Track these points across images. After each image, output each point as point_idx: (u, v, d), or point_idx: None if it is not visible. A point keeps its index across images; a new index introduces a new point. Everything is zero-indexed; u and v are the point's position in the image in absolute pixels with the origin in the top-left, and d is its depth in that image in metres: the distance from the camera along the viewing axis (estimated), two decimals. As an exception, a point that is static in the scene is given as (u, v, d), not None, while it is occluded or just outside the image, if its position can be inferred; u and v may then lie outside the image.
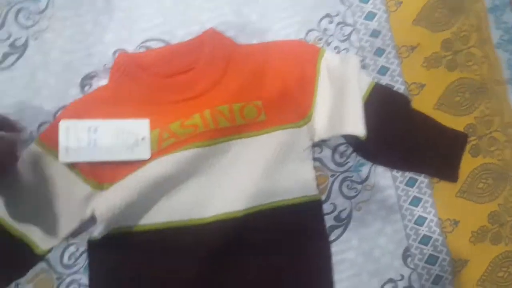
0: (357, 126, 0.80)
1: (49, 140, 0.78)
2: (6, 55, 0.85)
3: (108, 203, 0.76)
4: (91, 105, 0.81)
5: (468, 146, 0.88)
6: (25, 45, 0.86)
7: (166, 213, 0.79)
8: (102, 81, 0.85)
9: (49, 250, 0.77)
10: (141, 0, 0.88)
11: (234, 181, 0.80)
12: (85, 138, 0.78)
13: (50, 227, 0.76)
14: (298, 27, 0.90)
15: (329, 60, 0.85)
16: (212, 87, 0.83)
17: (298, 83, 0.84)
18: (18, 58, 0.85)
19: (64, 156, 0.76)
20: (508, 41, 0.92)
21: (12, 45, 0.86)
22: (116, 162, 0.78)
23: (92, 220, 0.77)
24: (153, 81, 0.82)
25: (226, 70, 0.84)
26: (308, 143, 0.83)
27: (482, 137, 0.89)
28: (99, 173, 0.78)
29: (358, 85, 0.83)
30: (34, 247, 0.76)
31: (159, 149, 0.79)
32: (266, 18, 0.90)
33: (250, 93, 0.83)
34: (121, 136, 0.79)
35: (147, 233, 0.78)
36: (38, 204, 0.76)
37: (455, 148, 0.87)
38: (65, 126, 0.77)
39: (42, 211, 0.76)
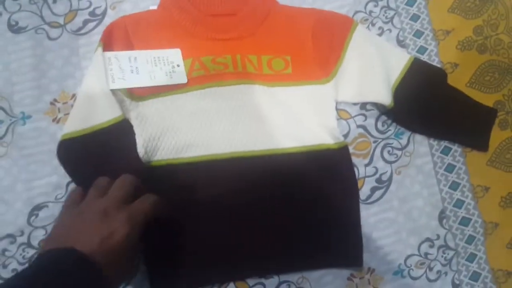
0: (384, 96, 0.75)
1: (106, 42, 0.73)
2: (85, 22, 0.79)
3: (142, 111, 0.72)
4: (139, 24, 0.75)
5: (497, 120, 0.80)
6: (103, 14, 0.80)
7: (201, 146, 0.72)
8: (152, 7, 0.79)
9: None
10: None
11: (264, 122, 0.74)
12: (127, 67, 0.71)
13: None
14: (347, 8, 0.82)
15: (362, 32, 0.78)
16: (247, 36, 0.77)
17: (327, 46, 0.77)
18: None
19: (112, 84, 0.70)
20: (533, 28, 0.83)
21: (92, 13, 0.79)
22: (156, 87, 0.73)
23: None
24: (197, 16, 0.76)
25: (263, 23, 0.77)
26: (330, 100, 0.77)
27: (510, 113, 0.81)
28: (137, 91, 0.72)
29: (393, 60, 0.77)
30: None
31: (189, 78, 0.73)
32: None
33: (280, 47, 0.77)
34: (159, 63, 0.73)
35: (188, 165, 0.71)
36: None
37: (485, 121, 0.80)
38: (108, 57, 0.71)
39: None
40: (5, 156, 0.72)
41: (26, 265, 0.69)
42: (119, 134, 0.70)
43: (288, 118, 0.74)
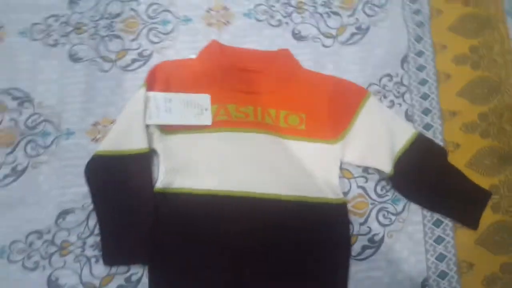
0: (385, 164, 0.81)
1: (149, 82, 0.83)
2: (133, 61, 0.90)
3: (168, 144, 0.81)
4: (178, 69, 0.85)
5: (490, 203, 0.84)
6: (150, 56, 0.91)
7: (215, 181, 0.79)
8: (192, 56, 0.89)
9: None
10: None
11: (274, 169, 0.80)
12: (163, 106, 0.81)
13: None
14: (363, 80, 0.89)
15: (373, 102, 0.85)
16: (270, 92, 0.85)
17: (340, 110, 0.84)
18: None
19: (148, 119, 0.79)
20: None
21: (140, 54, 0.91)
22: (184, 126, 0.81)
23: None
24: (229, 69, 0.85)
25: (286, 83, 0.85)
26: (336, 159, 0.82)
27: (504, 198, 0.84)
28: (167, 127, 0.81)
29: (398, 132, 0.83)
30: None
31: (214, 121, 0.81)
32: (339, 68, 0.90)
33: (298, 105, 0.84)
34: (189, 106, 0.82)
35: (200, 197, 0.78)
36: None
37: (479, 202, 0.83)
38: (149, 95, 0.80)
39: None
40: (46, 163, 0.83)
41: (47, 260, 0.78)
42: (142, 163, 0.80)
43: (296, 169, 0.81)
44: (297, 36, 0.92)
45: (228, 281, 0.76)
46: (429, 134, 0.88)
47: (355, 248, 0.81)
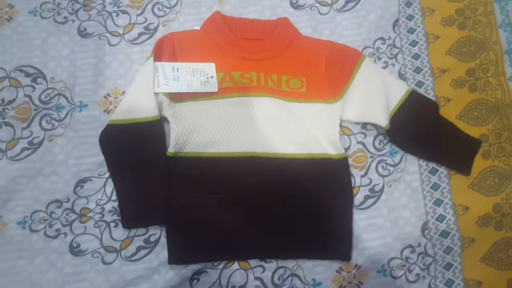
0: (382, 119, 0.86)
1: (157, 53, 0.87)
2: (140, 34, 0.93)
3: (178, 111, 0.84)
4: (184, 40, 0.89)
5: (480, 150, 0.90)
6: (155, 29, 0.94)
7: (223, 144, 0.84)
8: (195, 27, 0.92)
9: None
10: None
11: (278, 130, 0.85)
12: (171, 75, 0.85)
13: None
14: (358, 44, 0.94)
15: (368, 64, 0.90)
16: (271, 58, 0.89)
17: (337, 72, 0.89)
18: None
19: (157, 88, 0.83)
20: (519, 76, 0.95)
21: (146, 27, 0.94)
22: (192, 93, 0.85)
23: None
24: (232, 39, 0.89)
25: (286, 49, 0.90)
26: (336, 117, 0.87)
27: (493, 145, 0.90)
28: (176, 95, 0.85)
29: (393, 89, 0.88)
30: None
31: (220, 88, 0.86)
32: (335, 34, 0.95)
33: (298, 70, 0.89)
34: (196, 74, 0.86)
35: (210, 159, 0.83)
36: None
37: (470, 149, 0.90)
38: (156, 66, 0.84)
39: None
40: (62, 136, 0.86)
41: (68, 227, 0.82)
42: (153, 129, 0.84)
43: (299, 129, 0.86)
44: (295, 5, 0.97)
45: (243, 234, 0.81)
46: (421, 91, 0.93)
47: (358, 198, 0.87)
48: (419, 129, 0.88)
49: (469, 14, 0.98)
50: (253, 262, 0.82)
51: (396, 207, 0.87)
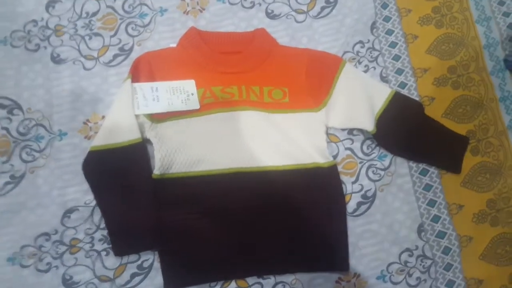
0: (367, 124, 0.85)
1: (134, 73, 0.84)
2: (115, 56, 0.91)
3: (160, 132, 0.82)
4: (160, 59, 0.87)
5: (469, 147, 0.90)
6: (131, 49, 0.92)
7: (209, 161, 0.82)
8: (172, 45, 0.90)
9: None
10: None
11: (263, 143, 0.84)
12: (150, 96, 0.83)
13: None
14: (337, 49, 0.93)
15: (349, 69, 0.89)
16: (251, 70, 0.88)
17: (319, 80, 0.88)
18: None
19: (137, 109, 0.82)
20: (499, 70, 0.95)
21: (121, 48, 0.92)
22: (173, 112, 0.83)
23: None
24: (209, 53, 0.87)
25: (265, 60, 0.88)
26: (321, 125, 0.86)
27: (481, 141, 0.90)
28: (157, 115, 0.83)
29: (376, 92, 0.88)
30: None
31: (201, 104, 0.84)
32: (313, 41, 0.94)
33: (279, 80, 0.88)
34: (176, 92, 0.84)
35: (197, 178, 0.81)
36: None
37: (458, 147, 0.89)
38: (134, 87, 0.83)
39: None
40: (44, 167, 0.84)
41: (59, 259, 0.80)
42: (136, 152, 0.82)
43: (285, 140, 0.85)
44: (271, 15, 0.96)
45: (237, 252, 0.80)
46: (404, 92, 0.93)
47: (351, 205, 0.86)
48: (406, 130, 0.88)
49: (445, 11, 0.98)
50: (250, 280, 0.81)
51: (390, 211, 0.86)
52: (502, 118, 0.93)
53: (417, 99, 0.92)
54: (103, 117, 0.86)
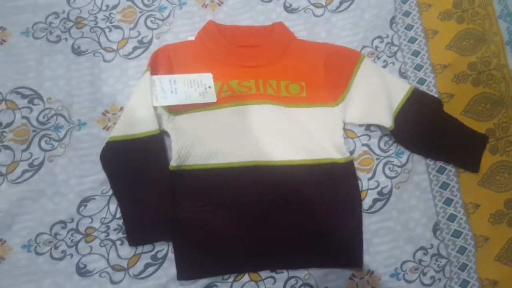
0: (385, 120, 0.85)
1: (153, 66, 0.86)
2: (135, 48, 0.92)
3: (178, 124, 0.84)
4: (179, 52, 0.88)
5: (488, 146, 0.88)
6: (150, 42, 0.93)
7: (225, 154, 0.82)
8: (190, 38, 0.91)
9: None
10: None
11: (280, 137, 0.84)
12: (168, 88, 0.84)
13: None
14: (356, 44, 0.93)
15: (368, 64, 0.88)
16: (269, 64, 0.88)
17: (337, 75, 0.88)
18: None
19: (155, 102, 0.83)
20: (522, 67, 0.93)
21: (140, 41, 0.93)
22: (191, 105, 0.84)
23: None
24: (228, 47, 0.88)
25: (283, 54, 0.89)
26: (338, 120, 0.86)
27: (500, 140, 0.89)
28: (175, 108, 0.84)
29: (395, 88, 0.87)
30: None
31: (218, 98, 0.85)
32: (332, 35, 0.93)
33: (297, 74, 0.88)
34: (194, 85, 0.85)
35: (214, 171, 0.82)
36: None
37: (477, 146, 0.88)
38: (153, 80, 0.84)
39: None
40: (62, 156, 0.85)
41: (74, 248, 0.81)
42: (154, 144, 0.83)
43: (302, 134, 0.85)
44: (289, 9, 0.96)
45: (251, 245, 0.80)
46: (423, 88, 0.92)
47: (366, 202, 0.85)
48: (424, 127, 0.87)
49: (467, 6, 0.96)
50: (263, 274, 0.81)
51: (405, 209, 0.85)
52: (523, 116, 0.91)
53: (436, 95, 0.91)
54: (122, 108, 0.87)
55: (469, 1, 0.97)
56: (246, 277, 0.81)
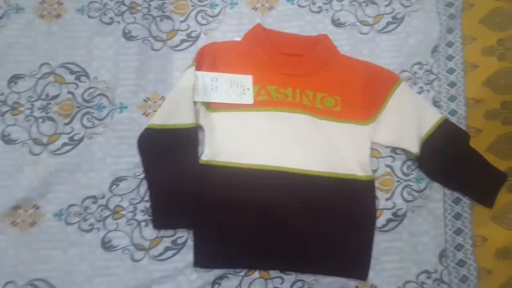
0: (413, 145, 0.88)
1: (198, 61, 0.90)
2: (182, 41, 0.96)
3: (213, 120, 0.88)
4: (224, 50, 0.91)
5: (506, 184, 0.91)
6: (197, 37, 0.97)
7: (254, 156, 0.86)
8: (236, 38, 0.94)
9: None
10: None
11: (308, 147, 0.87)
12: (210, 85, 0.88)
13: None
14: (396, 66, 0.95)
15: (404, 88, 0.91)
16: (308, 74, 0.91)
17: (373, 94, 0.90)
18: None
19: (196, 97, 0.87)
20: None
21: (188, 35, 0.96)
22: (228, 104, 0.88)
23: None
24: (272, 52, 0.91)
25: (324, 67, 0.92)
26: (367, 139, 0.89)
27: (519, 180, 0.92)
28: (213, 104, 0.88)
29: (426, 116, 0.90)
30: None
31: (255, 100, 0.88)
32: (374, 55, 0.96)
33: (334, 88, 0.91)
34: (234, 85, 0.89)
35: (241, 170, 0.86)
36: None
37: (496, 182, 0.91)
38: (198, 75, 0.88)
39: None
40: (102, 135, 0.90)
41: (102, 223, 0.87)
42: (189, 136, 0.88)
43: (329, 147, 0.89)
44: (336, 23, 0.98)
45: (265, 244, 0.85)
46: (453, 119, 0.94)
47: (380, 220, 0.89)
48: (448, 158, 0.90)
49: (511, 45, 0.98)
50: (273, 273, 0.86)
51: (417, 232, 0.89)
52: (545, 163, 0.94)
53: (464, 128, 0.93)
54: (163, 97, 0.92)
55: (513, 40, 0.98)
56: (256, 274, 0.86)
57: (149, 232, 0.86)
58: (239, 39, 0.93)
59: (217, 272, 0.85)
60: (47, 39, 0.93)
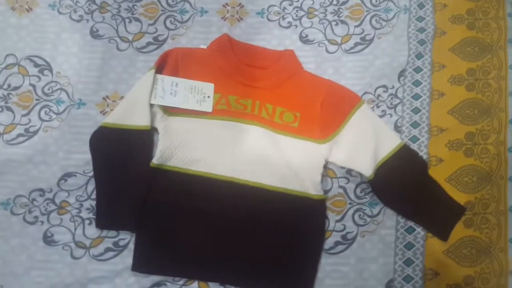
0: (366, 168, 0.87)
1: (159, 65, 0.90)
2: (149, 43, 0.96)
3: (169, 124, 0.87)
4: (187, 56, 0.91)
5: (463, 218, 0.88)
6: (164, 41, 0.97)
7: (206, 164, 0.86)
8: (202, 46, 0.94)
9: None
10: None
11: (262, 160, 0.86)
12: (169, 89, 0.88)
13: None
14: (359, 88, 0.93)
15: (365, 110, 0.90)
16: (269, 88, 0.91)
17: (332, 114, 0.89)
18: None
19: (153, 99, 0.87)
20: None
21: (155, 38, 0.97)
22: (186, 109, 0.88)
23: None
24: (235, 63, 0.92)
25: (286, 82, 0.91)
26: (321, 158, 0.88)
27: (477, 215, 0.88)
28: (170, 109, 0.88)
29: (385, 140, 0.88)
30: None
31: (214, 109, 0.88)
32: (338, 74, 0.95)
33: (294, 104, 0.90)
34: (194, 92, 0.88)
35: (191, 177, 0.85)
36: None
37: (452, 215, 0.88)
38: (158, 78, 0.88)
39: None
40: (57, 129, 0.91)
41: (46, 216, 0.86)
42: (142, 138, 0.88)
43: (283, 163, 0.87)
44: (304, 39, 0.98)
45: (208, 256, 0.83)
46: (414, 146, 0.92)
47: (328, 242, 0.87)
48: (403, 185, 0.88)
49: (480, 76, 0.96)
50: (212, 285, 0.84)
51: (364, 258, 0.87)
52: (507, 197, 0.90)
53: (425, 156, 0.91)
54: (122, 97, 0.92)
55: (483, 72, 0.96)
56: (195, 284, 0.84)
57: (92, 231, 0.86)
58: (205, 47, 0.93)
59: (155, 278, 0.83)
60: (16, 31, 0.95)
